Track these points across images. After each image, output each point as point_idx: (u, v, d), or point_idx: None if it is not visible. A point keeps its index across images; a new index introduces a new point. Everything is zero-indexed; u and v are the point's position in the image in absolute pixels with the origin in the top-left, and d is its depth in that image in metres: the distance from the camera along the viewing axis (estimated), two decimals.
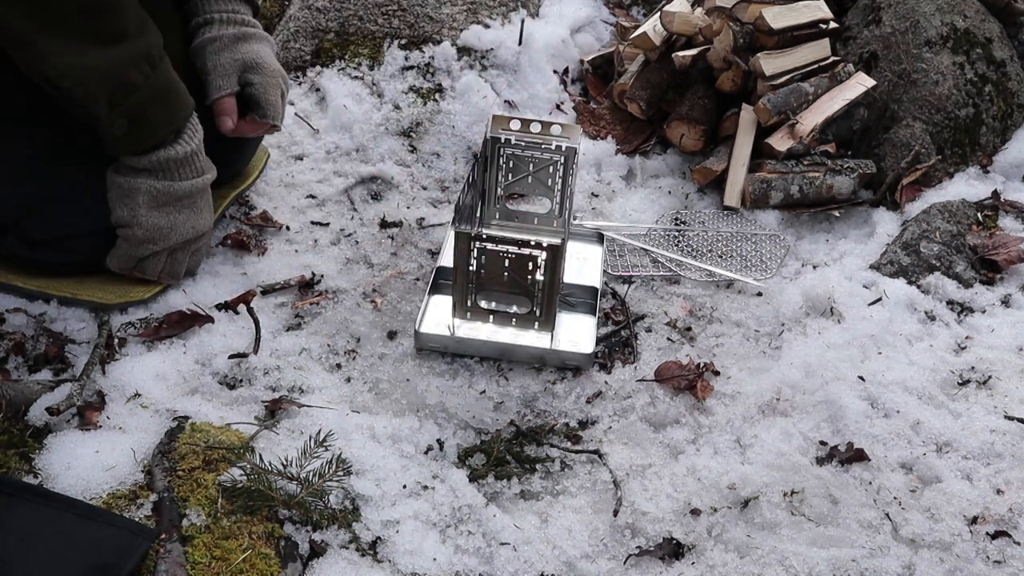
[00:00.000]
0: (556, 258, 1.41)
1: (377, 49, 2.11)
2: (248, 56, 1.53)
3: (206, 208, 1.50)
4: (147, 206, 1.42)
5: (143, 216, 1.42)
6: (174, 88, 1.39)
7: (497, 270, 1.44)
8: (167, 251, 1.48)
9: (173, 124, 1.40)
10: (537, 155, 1.57)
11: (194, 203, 1.47)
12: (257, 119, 1.56)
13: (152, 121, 1.37)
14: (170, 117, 1.39)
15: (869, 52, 2.09)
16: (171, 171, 1.41)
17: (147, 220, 1.42)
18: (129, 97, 1.32)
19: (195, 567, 1.07)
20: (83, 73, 1.28)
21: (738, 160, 1.90)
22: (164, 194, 1.42)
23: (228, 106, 1.52)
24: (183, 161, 1.42)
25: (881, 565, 1.21)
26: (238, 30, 1.53)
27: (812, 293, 1.64)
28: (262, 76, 1.54)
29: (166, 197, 1.42)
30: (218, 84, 1.51)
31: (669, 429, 1.40)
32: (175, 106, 1.40)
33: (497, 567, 1.18)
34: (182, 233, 1.46)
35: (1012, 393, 1.48)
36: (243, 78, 1.53)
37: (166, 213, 1.44)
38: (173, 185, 1.42)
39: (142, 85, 1.33)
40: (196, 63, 1.52)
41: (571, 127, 1.58)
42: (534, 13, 2.28)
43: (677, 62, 2.02)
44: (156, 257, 1.47)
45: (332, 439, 1.22)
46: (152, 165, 1.40)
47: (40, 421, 1.26)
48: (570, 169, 1.58)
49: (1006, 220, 1.87)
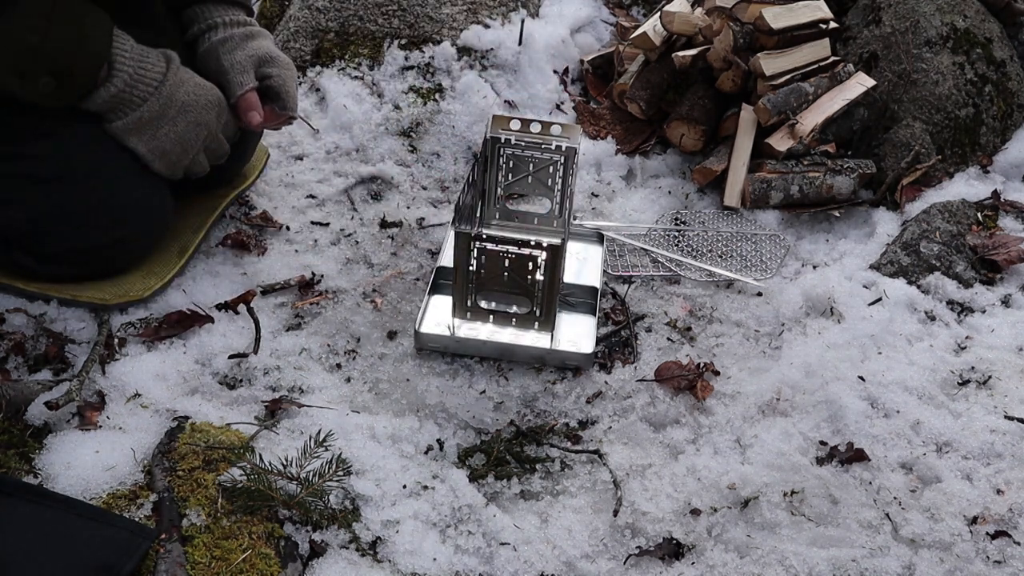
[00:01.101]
0: (556, 258, 1.41)
1: (377, 49, 2.11)
2: (261, 51, 1.54)
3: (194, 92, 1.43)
4: (141, 142, 1.41)
5: (145, 151, 1.41)
6: (79, 26, 1.31)
7: (497, 270, 1.44)
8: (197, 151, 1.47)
9: (97, 60, 1.33)
10: (537, 155, 1.57)
11: (179, 103, 1.41)
12: (277, 110, 1.56)
13: (75, 70, 1.31)
14: (90, 57, 1.32)
15: (869, 52, 2.09)
16: (129, 100, 1.37)
17: (151, 151, 1.42)
18: (36, 60, 1.27)
19: (195, 567, 1.07)
20: None
21: (738, 160, 1.90)
22: (143, 123, 1.39)
23: (253, 100, 1.52)
24: (132, 86, 1.37)
25: (881, 565, 1.21)
26: (244, 29, 1.54)
27: (812, 293, 1.64)
28: (279, 68, 1.55)
29: (148, 123, 1.40)
30: (239, 80, 1.50)
31: (669, 429, 1.40)
32: (89, 44, 1.32)
33: (497, 567, 1.18)
34: (195, 133, 1.44)
35: (1012, 393, 1.48)
36: (260, 72, 1.54)
37: (163, 134, 1.41)
38: (143, 112, 1.38)
39: (41, 43, 1.26)
40: (209, 65, 1.51)
41: (571, 127, 1.58)
42: (534, 13, 2.29)
43: (677, 62, 2.02)
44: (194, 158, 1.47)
45: (332, 439, 1.21)
46: (106, 106, 1.37)
47: (40, 420, 1.26)
48: (570, 169, 1.58)
49: (1006, 220, 1.87)
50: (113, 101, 1.36)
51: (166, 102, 1.39)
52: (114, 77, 1.35)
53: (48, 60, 1.28)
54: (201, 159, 1.48)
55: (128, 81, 1.36)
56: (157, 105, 1.38)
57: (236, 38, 1.52)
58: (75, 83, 1.33)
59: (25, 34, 1.26)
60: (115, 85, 1.35)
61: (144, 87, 1.37)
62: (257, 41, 1.55)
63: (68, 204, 1.41)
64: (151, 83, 1.38)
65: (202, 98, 1.43)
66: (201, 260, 1.62)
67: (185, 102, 1.41)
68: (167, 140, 1.42)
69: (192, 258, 1.60)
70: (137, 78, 1.36)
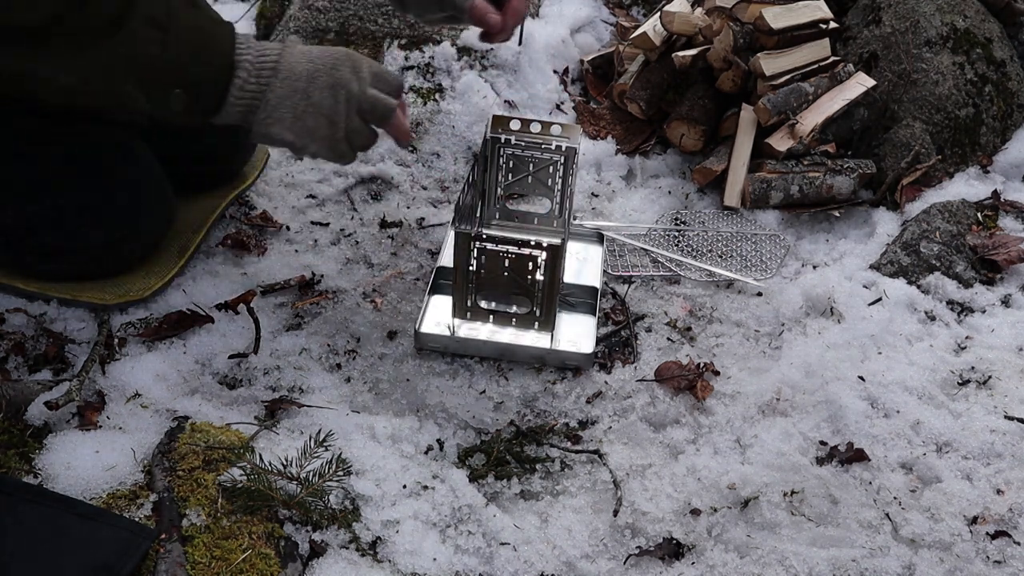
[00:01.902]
0: (556, 258, 1.41)
1: (377, 49, 2.11)
2: None
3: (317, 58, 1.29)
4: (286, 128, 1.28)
5: (294, 137, 1.29)
6: (201, 28, 1.24)
7: (497, 270, 1.44)
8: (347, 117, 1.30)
9: (224, 62, 1.24)
10: (537, 155, 1.57)
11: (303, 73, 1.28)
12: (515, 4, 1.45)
13: (202, 77, 1.23)
14: (216, 60, 1.24)
15: (869, 52, 2.09)
16: (257, 91, 1.26)
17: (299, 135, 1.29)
18: (160, 74, 1.20)
19: (195, 567, 1.07)
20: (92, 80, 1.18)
21: (738, 160, 1.90)
22: (276, 107, 1.27)
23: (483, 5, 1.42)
24: (256, 75, 1.26)
25: (881, 565, 1.21)
26: None
27: (812, 293, 1.64)
28: None
29: (281, 105, 1.27)
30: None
31: (669, 429, 1.40)
32: (214, 45, 1.24)
33: (497, 567, 1.18)
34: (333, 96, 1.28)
35: (1012, 393, 1.48)
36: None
37: (300, 111, 1.28)
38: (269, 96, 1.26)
39: (162, 54, 1.19)
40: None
41: (571, 127, 1.58)
42: (534, 13, 2.29)
43: (677, 62, 2.02)
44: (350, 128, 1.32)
45: (332, 439, 1.22)
46: (240, 106, 1.26)
47: (40, 420, 1.26)
48: (570, 169, 1.58)
49: (1006, 220, 1.87)
50: (243, 96, 1.25)
51: (288, 76, 1.27)
52: (237, 71, 1.25)
53: (172, 72, 1.21)
54: (357, 125, 1.31)
55: (250, 70, 1.25)
56: (279, 82, 1.26)
57: None
58: (206, 92, 1.24)
59: (142, 46, 1.17)
60: (240, 77, 1.25)
61: (267, 72, 1.26)
62: None
63: (73, 202, 1.41)
64: (271, 65, 1.27)
65: (327, 59, 1.29)
66: (201, 260, 1.62)
67: (310, 70, 1.28)
68: (308, 116, 1.28)
69: (192, 258, 1.60)
70: (259, 65, 1.26)
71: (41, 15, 1.10)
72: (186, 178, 1.60)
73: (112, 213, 1.44)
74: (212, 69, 1.24)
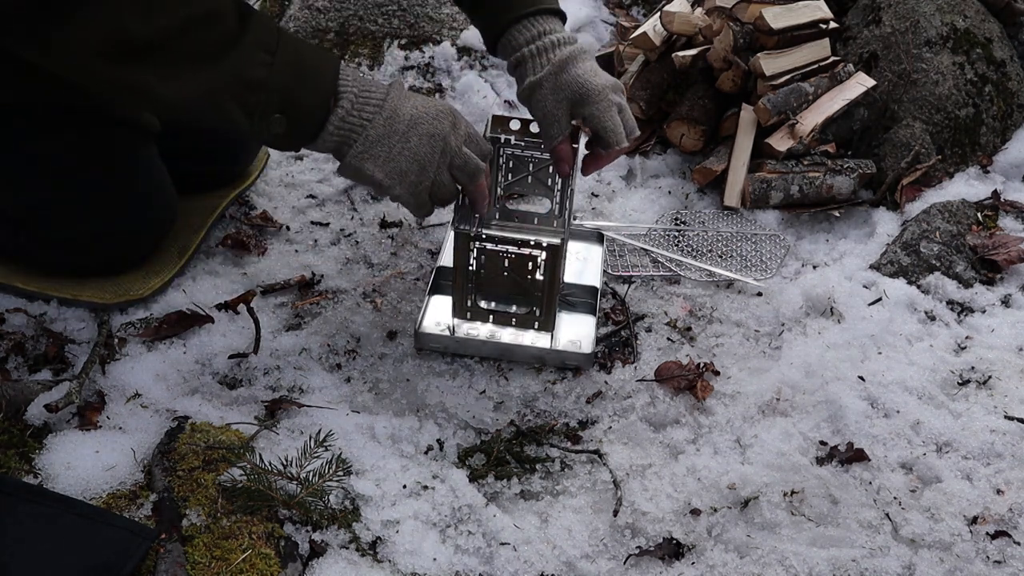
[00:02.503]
0: (556, 258, 1.41)
1: (377, 49, 2.11)
2: (572, 87, 1.37)
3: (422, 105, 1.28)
4: (377, 166, 1.26)
5: (383, 176, 1.27)
6: (306, 57, 1.23)
7: (497, 270, 1.44)
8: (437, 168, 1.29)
9: (327, 92, 1.23)
10: (537, 155, 1.57)
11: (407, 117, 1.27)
12: (603, 152, 1.43)
13: (304, 104, 1.22)
14: (319, 89, 1.23)
15: (869, 52, 2.09)
16: (357, 123, 1.25)
17: (388, 175, 1.27)
18: (265, 96, 1.19)
19: (195, 567, 1.07)
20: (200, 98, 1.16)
21: (738, 160, 1.90)
22: (373, 144, 1.25)
23: (564, 151, 1.41)
24: (359, 108, 1.24)
25: (881, 565, 1.21)
26: (555, 62, 1.37)
27: (812, 293, 1.64)
28: (593, 105, 1.38)
29: (377, 143, 1.26)
30: (550, 133, 1.40)
31: (669, 429, 1.40)
32: (318, 74, 1.23)
33: (497, 567, 1.18)
34: (430, 146, 1.28)
35: (1012, 393, 1.48)
36: (575, 113, 1.40)
37: (396, 152, 1.26)
38: (369, 132, 1.25)
39: (268, 76, 1.18)
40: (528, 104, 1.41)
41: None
42: None
43: (677, 62, 2.02)
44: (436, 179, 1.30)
45: (332, 439, 1.22)
46: (337, 136, 1.25)
47: (40, 420, 1.27)
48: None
49: (1006, 220, 1.87)
50: (342, 127, 1.24)
51: (391, 116, 1.26)
52: (340, 101, 1.24)
53: (277, 96, 1.19)
54: (445, 179, 1.31)
55: (354, 102, 1.24)
56: (382, 121, 1.25)
57: (547, 81, 1.37)
58: (306, 118, 1.23)
59: (251, 69, 1.17)
60: (343, 107, 1.23)
61: (371, 108, 1.25)
62: (569, 73, 1.38)
63: (82, 192, 1.42)
64: (376, 102, 1.26)
65: (430, 108, 1.29)
66: (201, 260, 1.62)
67: (414, 115, 1.27)
68: (402, 158, 1.26)
69: (192, 258, 1.60)
70: (363, 100, 1.25)
71: (164, 29, 1.10)
72: (186, 178, 1.61)
73: (117, 207, 1.45)
74: (315, 96, 1.23)
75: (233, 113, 1.18)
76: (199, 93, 1.15)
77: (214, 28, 1.14)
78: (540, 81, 1.37)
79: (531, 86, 1.38)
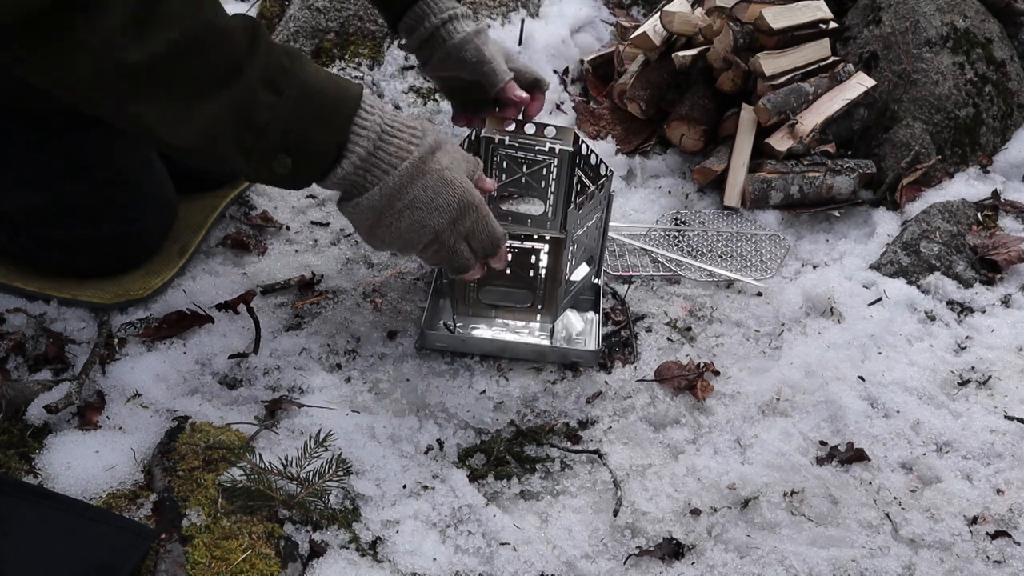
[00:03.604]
0: (559, 251, 1.41)
1: (377, 49, 2.11)
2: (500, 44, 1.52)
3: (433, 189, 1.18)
4: (362, 227, 1.20)
5: (364, 235, 1.22)
6: (319, 93, 1.10)
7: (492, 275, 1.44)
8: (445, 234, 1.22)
9: (339, 134, 1.13)
10: (531, 156, 1.57)
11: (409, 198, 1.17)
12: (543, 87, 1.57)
13: (310, 147, 1.12)
14: (333, 128, 1.12)
15: (869, 52, 2.09)
16: (359, 184, 1.16)
17: (368, 236, 1.21)
18: (262, 139, 1.08)
19: (195, 567, 1.07)
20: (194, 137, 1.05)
21: (738, 160, 1.90)
22: (362, 211, 1.18)
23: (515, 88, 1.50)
24: (365, 169, 1.15)
25: (881, 565, 1.21)
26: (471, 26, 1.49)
27: (812, 293, 1.64)
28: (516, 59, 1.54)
29: (367, 211, 1.18)
30: (503, 68, 1.49)
31: (669, 429, 1.40)
32: (331, 113, 1.12)
33: (497, 567, 1.18)
34: (417, 235, 1.20)
35: (1012, 393, 1.48)
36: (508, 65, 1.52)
37: (384, 224, 1.19)
38: (361, 201, 1.16)
39: (271, 119, 1.07)
40: (467, 56, 1.46)
41: (565, 129, 1.57)
42: (534, 13, 2.29)
43: (677, 62, 2.02)
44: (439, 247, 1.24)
45: (332, 439, 1.22)
46: (340, 187, 1.16)
47: (40, 420, 1.27)
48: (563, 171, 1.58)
49: (1006, 220, 1.87)
50: (344, 181, 1.15)
51: (392, 193, 1.16)
52: (344, 158, 1.14)
53: (280, 138, 1.09)
54: (431, 260, 1.27)
55: (357, 164, 1.14)
56: (378, 196, 1.15)
57: (483, 31, 1.48)
58: (307, 166, 1.13)
59: (253, 107, 1.06)
60: (343, 168, 1.14)
61: (377, 173, 1.15)
62: (488, 35, 1.52)
63: (83, 194, 1.42)
64: (385, 167, 1.15)
65: (439, 198, 1.18)
66: (201, 260, 1.62)
67: (416, 198, 1.17)
68: (386, 233, 1.20)
69: (192, 258, 1.60)
70: (372, 163, 1.15)
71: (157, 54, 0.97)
72: (186, 178, 1.61)
73: (117, 207, 1.45)
74: (322, 143, 1.13)
75: (230, 152, 1.08)
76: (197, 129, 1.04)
77: (216, 55, 1.02)
78: (476, 32, 1.45)
79: (468, 37, 1.45)
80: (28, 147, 1.38)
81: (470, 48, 1.44)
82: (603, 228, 1.53)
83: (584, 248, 1.50)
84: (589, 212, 1.45)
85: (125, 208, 1.46)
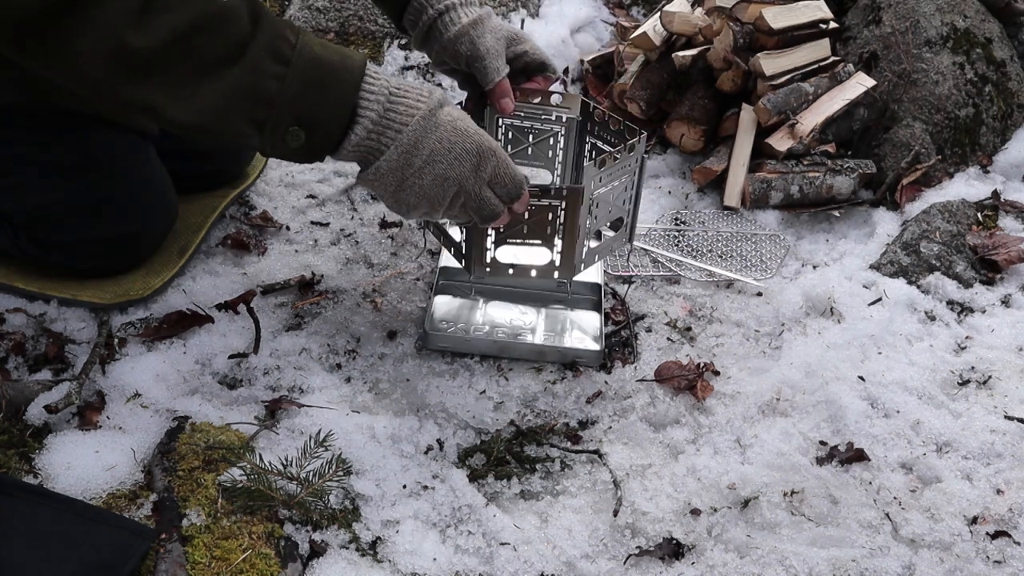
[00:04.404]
0: (576, 203, 1.35)
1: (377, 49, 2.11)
2: (503, 29, 1.44)
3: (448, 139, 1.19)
4: (387, 194, 1.21)
5: (392, 203, 1.22)
6: (326, 63, 1.12)
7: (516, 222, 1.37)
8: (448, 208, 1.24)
9: (347, 101, 1.14)
10: (537, 126, 1.55)
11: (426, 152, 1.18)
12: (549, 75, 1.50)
13: (322, 114, 1.13)
14: (339, 96, 1.13)
15: (869, 52, 2.09)
16: (375, 148, 1.17)
17: (395, 204, 1.22)
18: (277, 110, 1.10)
19: (195, 567, 1.07)
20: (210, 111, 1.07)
21: (738, 160, 1.90)
22: (383, 174, 1.18)
23: (506, 87, 1.43)
24: (378, 132, 1.16)
25: (881, 565, 1.21)
26: (481, 9, 1.43)
27: (812, 293, 1.64)
28: (525, 41, 1.47)
29: (388, 174, 1.18)
30: (495, 66, 1.41)
31: (669, 429, 1.40)
32: (339, 80, 1.13)
33: (497, 567, 1.18)
34: (442, 189, 1.21)
35: (1012, 393, 1.48)
36: (512, 51, 1.45)
37: (408, 186, 1.19)
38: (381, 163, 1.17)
39: (279, 90, 1.09)
40: (460, 51, 1.41)
41: (572, 96, 1.54)
42: (534, 13, 2.29)
43: (677, 62, 2.02)
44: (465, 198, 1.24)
45: (332, 439, 1.22)
46: (355, 157, 1.18)
47: (40, 420, 1.27)
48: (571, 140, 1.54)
49: (1006, 220, 1.87)
50: (359, 148, 1.17)
51: (409, 150, 1.17)
52: (359, 120, 1.15)
53: (290, 108, 1.10)
54: (459, 214, 1.27)
55: (370, 128, 1.15)
56: (396, 155, 1.16)
57: (483, 20, 1.41)
58: (322, 135, 1.14)
59: (261, 80, 1.08)
60: (356, 133, 1.15)
61: (390, 134, 1.16)
62: (493, 19, 1.44)
63: (83, 195, 1.42)
64: (397, 127, 1.16)
65: (456, 147, 1.19)
66: (201, 260, 1.62)
67: (434, 151, 1.18)
68: (411, 194, 1.20)
69: (192, 258, 1.60)
70: (384, 124, 1.16)
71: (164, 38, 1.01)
72: (186, 178, 1.61)
73: (117, 208, 1.46)
74: (333, 111, 1.14)
75: (243, 127, 1.10)
76: (207, 106, 1.07)
77: (220, 35, 1.05)
78: (473, 23, 1.40)
79: (463, 29, 1.40)
80: (28, 148, 1.38)
81: (464, 41, 1.41)
82: (636, 191, 1.47)
83: (610, 209, 1.44)
84: (614, 173, 1.39)
85: (125, 208, 1.46)
